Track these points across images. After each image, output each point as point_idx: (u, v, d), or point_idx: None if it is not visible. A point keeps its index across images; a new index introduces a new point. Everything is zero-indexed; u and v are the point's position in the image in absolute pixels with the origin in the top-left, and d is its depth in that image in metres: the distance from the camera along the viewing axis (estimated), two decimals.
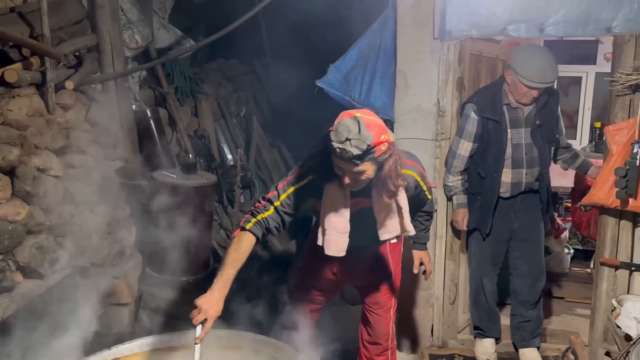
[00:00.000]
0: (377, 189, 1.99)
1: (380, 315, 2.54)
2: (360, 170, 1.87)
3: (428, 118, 3.21)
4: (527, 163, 3.07)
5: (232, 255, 2.00)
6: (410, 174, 2.13)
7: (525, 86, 2.91)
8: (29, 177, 2.49)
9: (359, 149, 1.78)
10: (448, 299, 3.47)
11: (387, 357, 2.59)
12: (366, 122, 1.81)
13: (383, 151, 1.87)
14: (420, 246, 2.58)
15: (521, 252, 3.22)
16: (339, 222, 2.09)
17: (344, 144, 1.78)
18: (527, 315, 3.23)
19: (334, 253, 2.13)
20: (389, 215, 2.12)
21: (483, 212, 3.16)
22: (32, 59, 2.72)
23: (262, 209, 2.08)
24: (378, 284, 2.52)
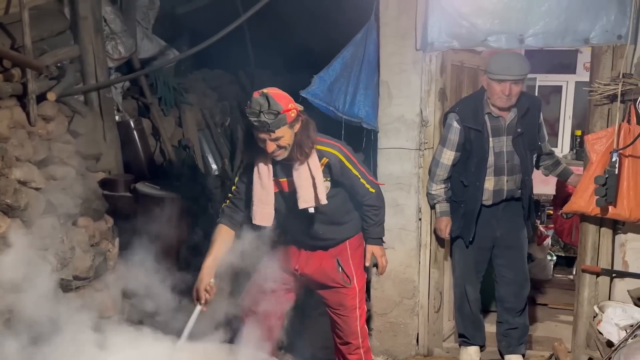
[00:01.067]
0: (293, 154, 2.29)
1: (346, 315, 2.60)
2: (278, 136, 2.21)
3: (411, 128, 3.25)
4: (509, 170, 3.11)
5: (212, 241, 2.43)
6: (330, 151, 2.40)
7: (495, 82, 2.95)
8: (9, 190, 2.46)
9: (272, 115, 2.15)
10: (433, 307, 3.49)
11: (360, 356, 2.63)
12: (274, 95, 2.18)
13: (293, 117, 2.23)
14: (372, 240, 2.62)
15: (505, 259, 3.25)
16: (263, 194, 2.38)
17: (258, 115, 2.14)
18: (514, 322, 3.26)
19: (259, 222, 2.40)
20: (304, 185, 2.35)
21: (466, 220, 3.19)
22: (14, 70, 2.70)
23: (225, 201, 2.52)
24: (338, 288, 2.58)
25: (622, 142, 2.81)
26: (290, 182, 2.39)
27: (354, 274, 2.57)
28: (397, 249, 3.39)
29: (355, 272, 2.58)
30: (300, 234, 2.54)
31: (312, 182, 2.35)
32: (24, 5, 2.68)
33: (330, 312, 2.63)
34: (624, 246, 3.03)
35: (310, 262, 2.56)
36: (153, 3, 4.32)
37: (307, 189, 2.35)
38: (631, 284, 3.02)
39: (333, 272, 2.55)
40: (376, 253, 2.62)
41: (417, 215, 3.35)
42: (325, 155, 2.38)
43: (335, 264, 2.55)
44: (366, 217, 2.58)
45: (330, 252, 2.56)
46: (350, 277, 2.56)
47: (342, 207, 2.52)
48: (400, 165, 3.29)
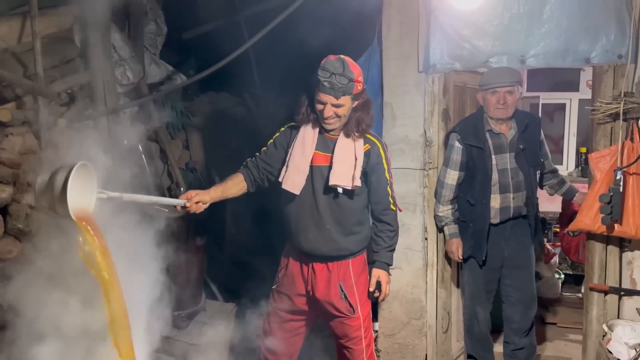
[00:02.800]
0: (347, 127, 2.35)
1: (352, 347, 2.57)
2: (340, 103, 2.26)
3: (415, 148, 3.28)
4: (514, 187, 3.13)
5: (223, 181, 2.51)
6: (374, 140, 2.46)
7: (490, 93, 3.02)
8: (21, 215, 2.50)
9: (345, 80, 2.20)
10: (441, 327, 3.48)
11: None
12: (349, 63, 2.25)
13: (359, 90, 2.29)
14: (381, 264, 2.58)
15: (512, 279, 3.24)
16: (302, 161, 2.40)
17: (330, 77, 2.19)
18: (520, 342, 3.24)
19: (290, 187, 2.41)
20: (344, 163, 2.37)
21: (476, 240, 3.18)
22: (26, 98, 2.76)
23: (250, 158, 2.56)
24: (342, 318, 2.54)
25: (625, 160, 2.83)
26: (326, 157, 2.41)
27: (357, 303, 2.53)
28: (403, 269, 3.40)
29: (359, 299, 2.55)
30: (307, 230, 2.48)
31: (354, 162, 2.37)
32: (37, 34, 2.75)
33: (338, 345, 2.62)
34: (631, 264, 3.03)
35: (318, 283, 2.52)
36: (160, 29, 4.41)
37: (345, 166, 2.37)
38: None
39: (337, 300, 2.52)
40: (382, 279, 2.56)
41: (423, 235, 3.36)
42: (369, 143, 2.44)
43: (339, 290, 2.51)
44: (380, 239, 2.54)
45: (334, 274, 2.51)
46: (355, 306, 2.52)
47: (358, 212, 2.51)
48: (405, 185, 3.31)
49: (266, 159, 2.52)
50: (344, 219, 2.47)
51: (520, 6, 2.99)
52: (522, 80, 3.10)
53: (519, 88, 3.07)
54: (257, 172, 2.52)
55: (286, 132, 2.51)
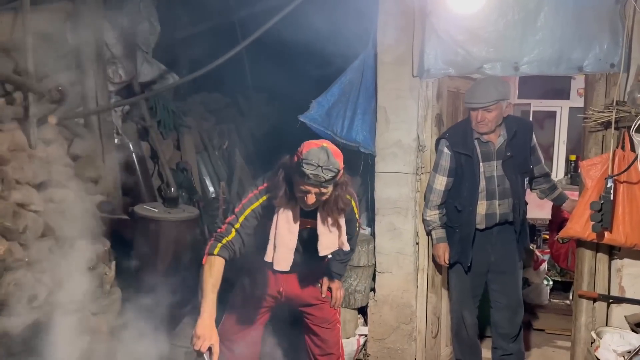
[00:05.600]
0: (327, 207, 2.26)
1: (329, 329, 2.64)
2: (325, 191, 2.16)
3: (408, 152, 3.28)
4: (500, 194, 3.14)
5: (209, 281, 2.15)
6: (349, 199, 2.39)
7: (469, 109, 3.06)
8: (8, 213, 2.46)
9: (330, 173, 2.08)
10: (431, 332, 3.48)
11: None
12: (332, 151, 2.13)
13: (341, 175, 2.20)
14: (333, 274, 2.65)
15: (499, 284, 3.25)
16: (290, 239, 2.32)
17: (316, 169, 2.06)
18: (509, 348, 3.25)
19: (282, 268, 2.35)
20: (330, 233, 2.36)
21: (463, 245, 3.20)
22: (15, 94, 2.72)
23: (225, 233, 2.26)
24: (321, 304, 2.62)
25: (616, 168, 2.85)
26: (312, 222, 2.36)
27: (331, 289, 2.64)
28: (394, 274, 3.39)
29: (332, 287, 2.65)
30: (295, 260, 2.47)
31: (338, 230, 2.37)
32: (28, 30, 2.72)
33: (314, 327, 2.65)
34: (620, 271, 3.05)
35: (291, 283, 2.56)
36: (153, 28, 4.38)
37: (331, 237, 2.36)
38: (628, 309, 3.02)
39: (315, 290, 2.61)
40: (333, 286, 2.63)
41: (415, 240, 3.36)
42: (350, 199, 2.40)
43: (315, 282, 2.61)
44: (336, 254, 2.54)
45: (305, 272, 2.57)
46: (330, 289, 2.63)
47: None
48: (397, 190, 3.32)
49: (249, 231, 2.31)
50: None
51: (515, 13, 3.01)
52: (509, 93, 3.10)
53: (503, 103, 3.03)
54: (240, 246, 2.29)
55: (267, 206, 2.32)
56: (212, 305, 2.11)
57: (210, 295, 2.12)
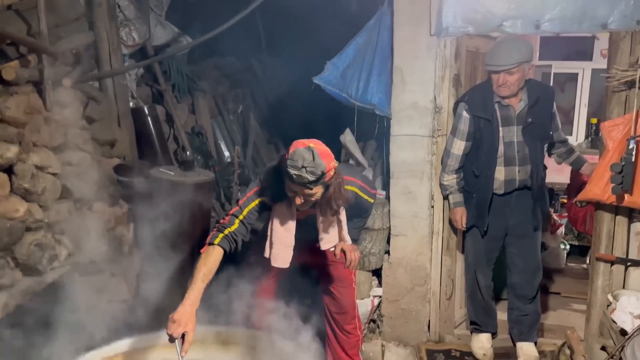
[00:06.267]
0: (322, 207, 2.25)
1: (344, 288, 2.67)
2: (312, 193, 2.13)
3: (425, 115, 3.23)
4: (520, 161, 3.09)
5: (202, 270, 2.11)
6: (351, 189, 2.37)
7: (490, 72, 2.98)
8: (27, 175, 2.49)
9: (314, 175, 2.04)
10: (445, 294, 3.50)
11: (355, 325, 2.72)
12: (319, 152, 2.07)
13: (331, 176, 2.13)
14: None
15: (517, 248, 3.24)
16: (286, 237, 2.33)
17: (299, 170, 2.03)
18: (525, 309, 3.26)
19: (279, 265, 2.37)
20: (330, 228, 2.37)
21: (479, 210, 3.18)
22: (30, 57, 2.72)
23: (228, 224, 2.26)
24: (336, 264, 2.64)
25: (639, 129, 2.77)
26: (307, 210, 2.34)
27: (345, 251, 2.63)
28: (409, 237, 3.39)
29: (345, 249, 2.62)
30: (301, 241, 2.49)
31: (338, 225, 2.37)
32: None
33: (329, 286, 2.69)
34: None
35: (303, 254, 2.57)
36: None
37: (331, 231, 2.38)
38: None
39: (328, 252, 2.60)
40: (346, 248, 2.59)
41: (430, 203, 3.34)
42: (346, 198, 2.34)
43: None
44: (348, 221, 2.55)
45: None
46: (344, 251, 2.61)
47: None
48: (413, 153, 3.28)
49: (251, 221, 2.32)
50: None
51: None
52: (532, 55, 3.00)
53: (526, 65, 2.95)
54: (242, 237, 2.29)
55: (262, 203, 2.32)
56: (197, 294, 2.05)
57: (199, 284, 2.07)
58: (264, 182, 2.29)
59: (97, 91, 3.40)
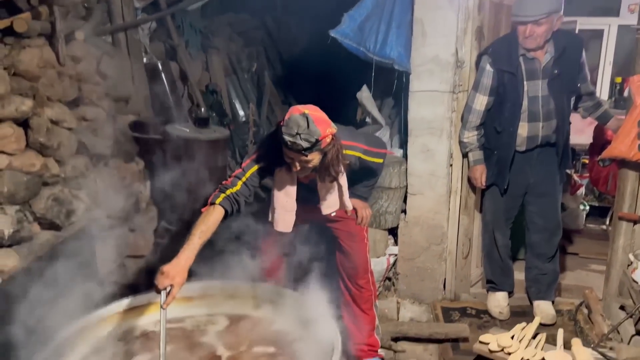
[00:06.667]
0: (320, 174, 2.22)
1: (356, 243, 2.66)
2: (308, 159, 2.10)
3: (446, 69, 3.13)
4: (544, 116, 3.00)
5: (199, 227, 2.09)
6: (352, 154, 2.33)
7: (517, 23, 2.86)
8: (42, 129, 2.48)
9: (308, 142, 2.01)
10: (461, 253, 3.47)
11: (367, 280, 2.71)
12: (314, 118, 2.03)
13: (328, 142, 2.10)
14: (355, 196, 2.62)
15: (537, 206, 3.19)
16: (287, 201, 2.32)
17: (294, 137, 2.00)
18: (544, 268, 3.23)
19: (281, 229, 2.37)
20: (330, 193, 2.36)
21: (500, 168, 3.12)
22: (41, 9, 2.66)
23: (230, 185, 2.23)
24: (347, 220, 2.62)
25: None
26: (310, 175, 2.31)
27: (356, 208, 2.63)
28: (426, 195, 3.35)
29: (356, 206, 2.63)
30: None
31: (339, 190, 2.36)
32: None
33: (340, 241, 2.68)
34: None
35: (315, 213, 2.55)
36: None
37: (332, 196, 2.37)
38: None
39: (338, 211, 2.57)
40: (357, 205, 2.61)
41: (448, 161, 3.28)
42: (347, 158, 2.32)
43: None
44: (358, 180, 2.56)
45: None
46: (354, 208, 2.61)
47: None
48: (432, 109, 3.20)
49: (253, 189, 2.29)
50: None
51: None
52: (561, 5, 2.87)
53: (554, 16, 2.82)
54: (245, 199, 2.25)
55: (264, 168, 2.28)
56: (192, 250, 2.02)
57: (195, 240, 2.04)
58: (263, 148, 2.28)
59: (110, 46, 3.35)
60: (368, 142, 2.43)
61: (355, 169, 2.40)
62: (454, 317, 3.26)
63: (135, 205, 3.27)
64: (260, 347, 2.10)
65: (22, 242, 2.32)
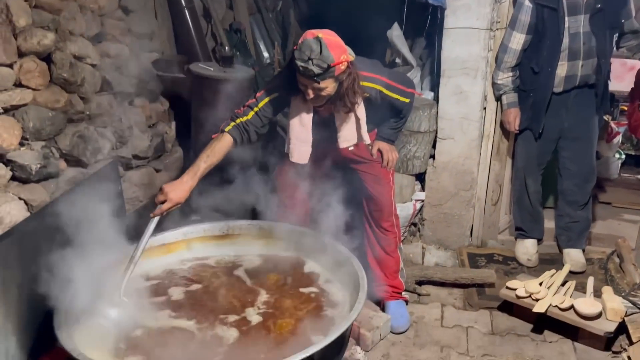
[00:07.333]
0: (336, 105, 2.16)
1: (381, 186, 2.61)
2: (321, 87, 2.03)
3: (483, 4, 2.96)
4: (585, 54, 2.84)
5: (206, 152, 2.15)
6: (372, 86, 2.23)
7: None
8: (65, 64, 2.42)
9: (320, 67, 1.95)
10: (491, 199, 3.40)
11: (392, 223, 2.67)
12: (327, 43, 1.95)
13: (342, 70, 2.02)
14: (383, 139, 2.55)
15: (571, 151, 3.08)
16: (301, 132, 2.26)
17: (306, 62, 1.94)
18: (576, 216, 3.15)
19: (297, 160, 2.31)
20: (347, 126, 2.27)
21: (535, 111, 3.00)
22: None
23: (241, 114, 2.23)
24: (372, 162, 2.57)
25: None
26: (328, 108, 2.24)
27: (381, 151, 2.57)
28: (457, 140, 3.25)
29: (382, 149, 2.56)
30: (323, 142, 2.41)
31: (356, 123, 2.27)
32: None
33: (365, 184, 2.62)
34: None
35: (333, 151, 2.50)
36: None
37: (349, 129, 2.28)
38: None
39: (364, 151, 2.53)
40: (383, 148, 2.53)
41: (482, 104, 3.15)
42: (367, 91, 2.23)
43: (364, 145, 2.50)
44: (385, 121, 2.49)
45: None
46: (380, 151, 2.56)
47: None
48: (467, 48, 3.04)
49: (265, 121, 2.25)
50: None
51: None
52: None
53: None
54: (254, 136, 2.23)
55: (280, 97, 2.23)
56: (195, 173, 2.08)
57: (200, 164, 2.10)
58: (279, 77, 2.25)
59: None
60: (392, 78, 2.32)
61: (377, 104, 2.30)
62: (480, 263, 3.23)
63: (161, 145, 3.24)
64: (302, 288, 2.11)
65: (49, 177, 2.31)
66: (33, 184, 2.22)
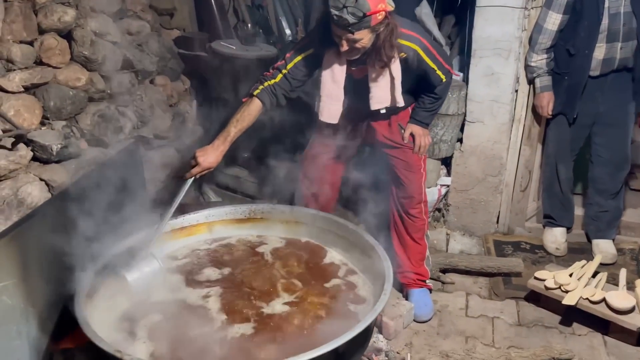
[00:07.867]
0: (370, 58, 2.05)
1: (412, 172, 2.53)
2: (356, 38, 1.92)
3: None
4: (624, 36, 2.70)
5: (235, 116, 2.11)
6: (410, 46, 2.11)
7: None
8: (86, 41, 2.37)
9: (355, 16, 1.83)
10: (519, 185, 3.29)
11: (420, 209, 2.60)
12: None
13: (379, 20, 1.90)
14: (416, 122, 2.44)
15: (605, 138, 2.96)
16: (333, 89, 2.15)
17: (340, 10, 1.83)
18: (606, 205, 3.04)
19: (326, 119, 2.21)
20: (381, 85, 2.16)
21: (569, 95, 2.88)
22: None
23: (270, 77, 2.16)
24: (404, 148, 2.48)
25: None
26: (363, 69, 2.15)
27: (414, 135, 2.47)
28: (486, 123, 3.13)
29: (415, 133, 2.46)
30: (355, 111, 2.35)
31: (391, 82, 2.15)
32: None
33: (396, 170, 2.54)
34: None
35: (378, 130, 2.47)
36: None
37: (383, 88, 2.16)
38: None
39: (397, 135, 2.46)
40: (415, 132, 2.43)
41: (514, 87, 3.03)
42: (404, 51, 2.11)
43: (397, 127, 2.46)
44: (421, 101, 2.39)
45: (393, 119, 2.44)
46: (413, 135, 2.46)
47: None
48: (500, 27, 2.91)
49: (299, 77, 2.17)
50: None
51: None
52: None
53: None
54: (282, 100, 2.17)
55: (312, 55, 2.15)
56: (226, 138, 2.07)
57: (230, 128, 2.08)
58: (311, 34, 2.17)
59: None
60: (433, 45, 2.20)
61: (413, 69, 2.19)
62: (507, 251, 3.14)
63: (182, 124, 3.19)
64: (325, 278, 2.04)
65: (70, 158, 2.28)
66: (54, 165, 2.18)
